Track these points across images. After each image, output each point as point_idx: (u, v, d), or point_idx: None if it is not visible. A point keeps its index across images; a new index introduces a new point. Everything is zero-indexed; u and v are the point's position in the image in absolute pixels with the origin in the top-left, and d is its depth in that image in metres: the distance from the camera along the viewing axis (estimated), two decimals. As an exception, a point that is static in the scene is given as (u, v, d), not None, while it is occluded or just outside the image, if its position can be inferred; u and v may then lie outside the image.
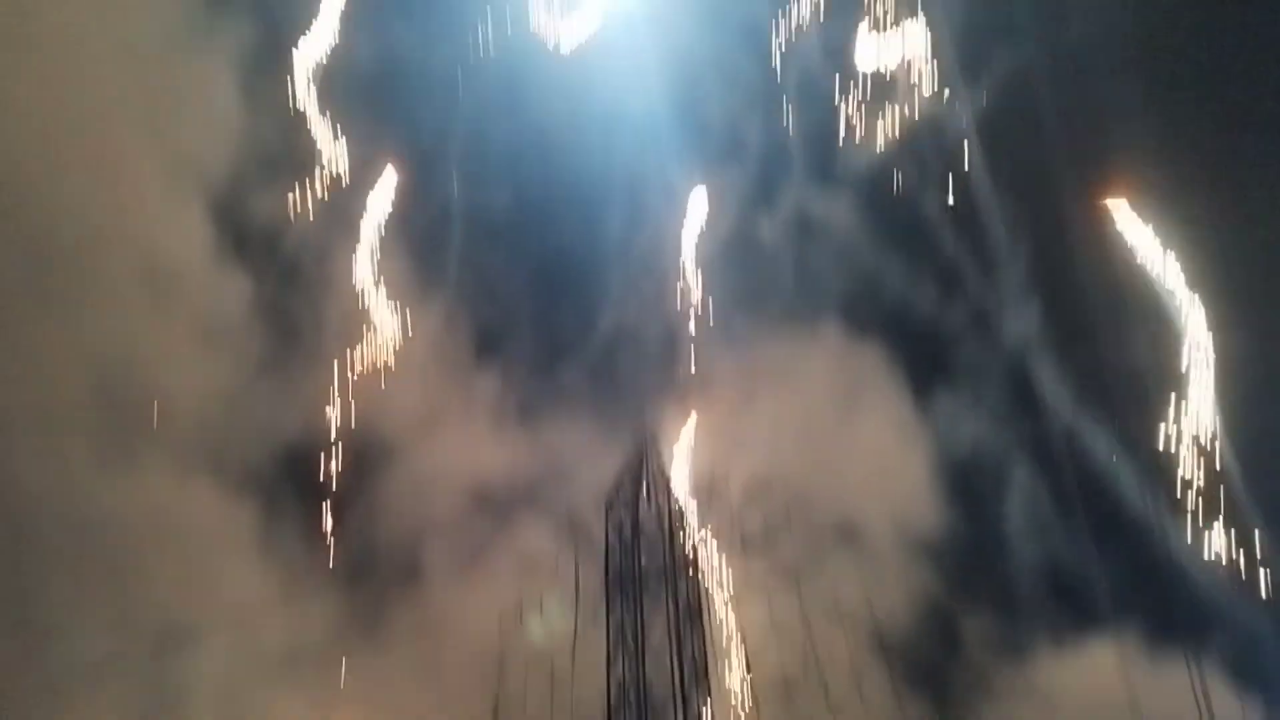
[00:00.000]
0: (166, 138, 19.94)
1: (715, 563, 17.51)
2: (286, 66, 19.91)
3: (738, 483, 18.09)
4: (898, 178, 19.77)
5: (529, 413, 20.54)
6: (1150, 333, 18.81)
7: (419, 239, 20.77)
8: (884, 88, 19.64)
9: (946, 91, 18.94)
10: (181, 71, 19.99)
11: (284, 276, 20.01)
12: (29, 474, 17.31)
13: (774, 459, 19.21)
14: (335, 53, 20.20)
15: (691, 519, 17.72)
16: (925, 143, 19.58)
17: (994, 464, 20.47)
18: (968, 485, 20.16)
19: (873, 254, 20.35)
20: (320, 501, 19.03)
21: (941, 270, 20.03)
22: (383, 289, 20.40)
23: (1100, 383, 19.06)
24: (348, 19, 20.28)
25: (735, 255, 20.89)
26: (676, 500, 17.74)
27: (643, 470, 17.61)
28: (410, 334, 20.17)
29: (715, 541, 17.66)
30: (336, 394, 19.44)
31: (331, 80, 20.26)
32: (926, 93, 19.20)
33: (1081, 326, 18.83)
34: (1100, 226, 18.80)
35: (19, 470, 17.23)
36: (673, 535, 17.24)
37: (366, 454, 19.78)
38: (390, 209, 20.51)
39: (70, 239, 18.95)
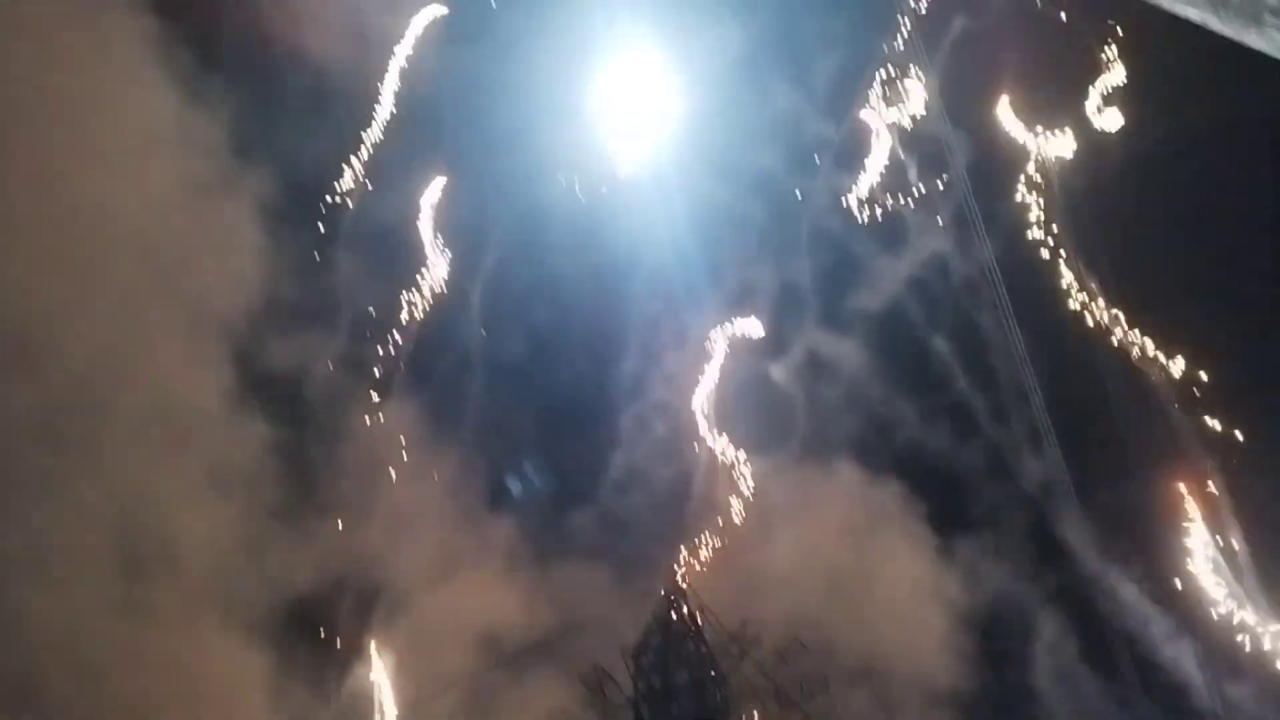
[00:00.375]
0: (188, 283, 20.36)
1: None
2: (311, 214, 20.94)
3: (765, 630, 17.96)
4: (911, 318, 20.14)
5: (545, 559, 20.61)
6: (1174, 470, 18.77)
7: (437, 385, 21.34)
8: (899, 229, 20.16)
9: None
10: (206, 217, 20.59)
11: (301, 424, 20.39)
12: (39, 617, 17.02)
13: (798, 604, 19.21)
14: (359, 200, 21.24)
15: (722, 668, 17.47)
16: (940, 283, 19.98)
17: (1019, 610, 20.46)
18: (993, 633, 19.99)
19: (889, 395, 20.51)
20: (331, 652, 19.35)
21: (958, 412, 20.20)
22: (399, 435, 21.16)
23: (1125, 524, 19.02)
24: (372, 169, 21.21)
25: (751, 397, 21.18)
26: (706, 650, 17.46)
27: (670, 618, 17.37)
28: (425, 479, 20.86)
29: (748, 693, 17.39)
30: (350, 540, 20.03)
31: (354, 227, 21.28)
32: (941, 232, 19.70)
33: (1103, 466, 18.85)
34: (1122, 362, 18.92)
35: (29, 613, 16.96)
36: (705, 688, 16.87)
37: (379, 603, 19.94)
38: (409, 355, 21.23)
39: (89, 383, 19.31)
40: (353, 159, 21.72)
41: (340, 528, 20.03)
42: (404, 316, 21.52)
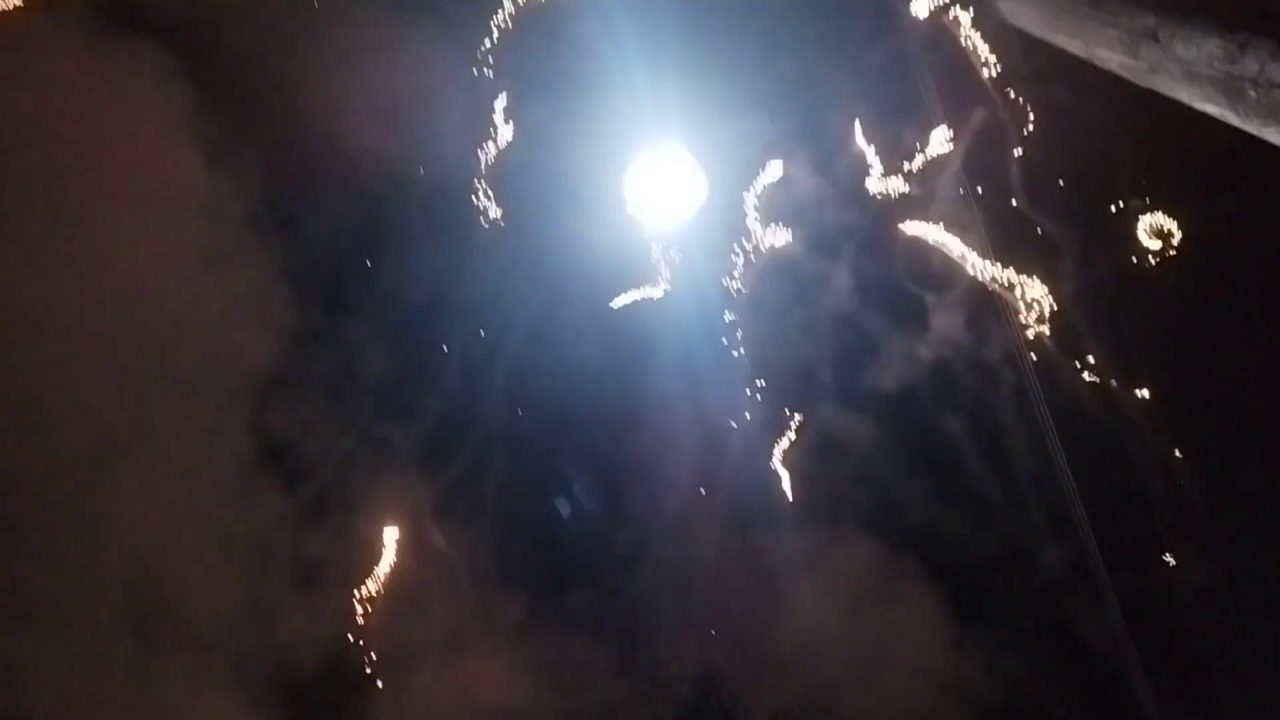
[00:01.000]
0: (203, 345, 20.60)
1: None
2: (333, 288, 21.60)
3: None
4: (938, 403, 20.82)
5: (558, 641, 20.69)
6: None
7: (452, 459, 21.74)
8: (923, 312, 21.01)
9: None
10: (224, 285, 21.06)
11: (314, 495, 20.69)
12: (40, 674, 17.02)
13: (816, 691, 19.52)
14: (383, 277, 21.98)
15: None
16: (965, 367, 20.74)
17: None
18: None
19: (917, 480, 20.99)
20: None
21: (985, 498, 20.68)
22: (410, 508, 21.43)
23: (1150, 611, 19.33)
24: (399, 248, 21.98)
25: (771, 476, 21.62)
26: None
27: (702, 709, 17.38)
28: (433, 556, 21.13)
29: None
30: (359, 617, 20.18)
31: (378, 304, 21.93)
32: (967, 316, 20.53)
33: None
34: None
35: (31, 669, 16.93)
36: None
37: (384, 681, 20.02)
38: (427, 431, 21.63)
39: (96, 443, 19.56)
40: (379, 237, 22.54)
41: (347, 600, 20.37)
42: (424, 394, 22.00)
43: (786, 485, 21.46)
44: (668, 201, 22.18)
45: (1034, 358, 19.34)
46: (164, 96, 21.22)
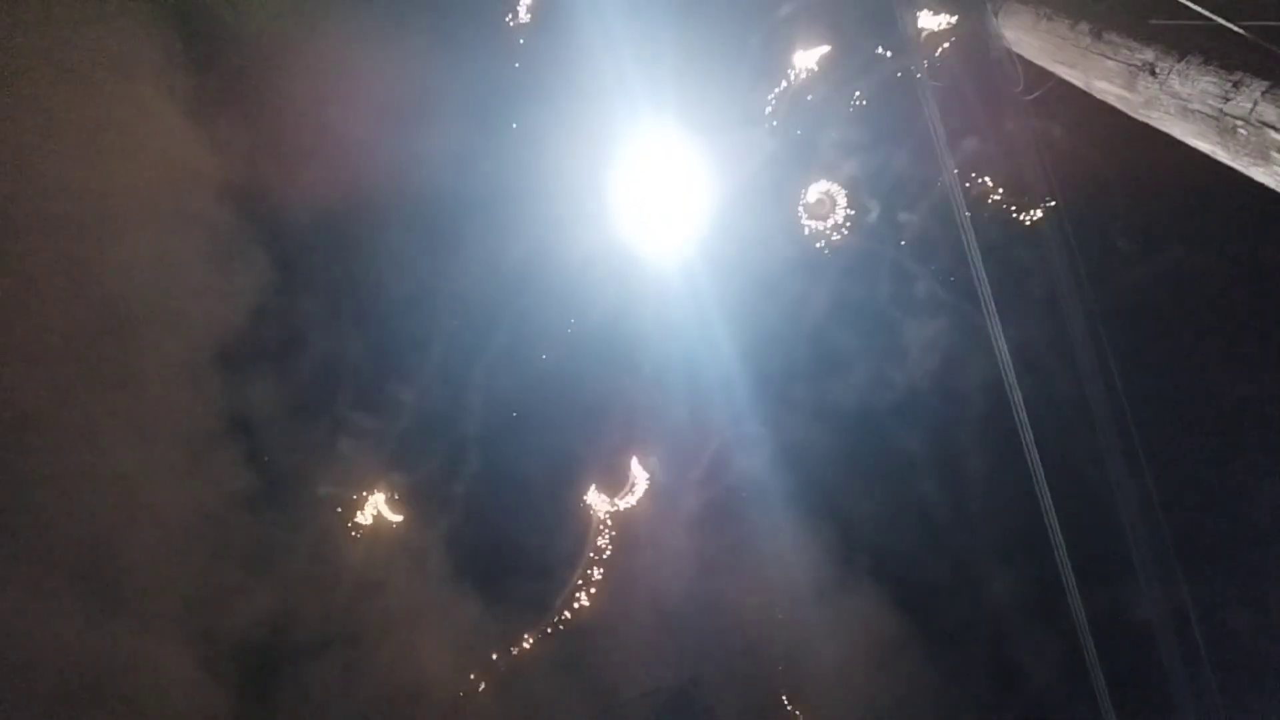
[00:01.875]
0: (176, 300, 21.92)
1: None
2: (313, 281, 22.56)
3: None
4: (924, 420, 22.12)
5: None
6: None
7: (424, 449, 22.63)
8: (916, 331, 22.32)
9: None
10: (198, 261, 21.98)
11: (280, 471, 21.53)
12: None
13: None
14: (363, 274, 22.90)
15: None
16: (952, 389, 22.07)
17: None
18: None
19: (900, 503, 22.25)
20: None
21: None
22: (376, 494, 22.28)
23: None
24: (385, 246, 23.00)
25: (753, 494, 22.76)
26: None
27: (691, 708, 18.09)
28: (399, 544, 21.95)
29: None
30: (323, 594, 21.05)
31: (356, 300, 22.90)
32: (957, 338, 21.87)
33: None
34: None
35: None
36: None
37: (344, 664, 21.03)
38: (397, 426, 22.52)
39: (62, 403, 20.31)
40: (366, 233, 23.40)
41: (302, 585, 21.14)
42: (397, 389, 22.92)
43: (779, 489, 22.64)
44: (665, 211, 23.46)
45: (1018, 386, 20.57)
46: (145, 47, 22.06)
